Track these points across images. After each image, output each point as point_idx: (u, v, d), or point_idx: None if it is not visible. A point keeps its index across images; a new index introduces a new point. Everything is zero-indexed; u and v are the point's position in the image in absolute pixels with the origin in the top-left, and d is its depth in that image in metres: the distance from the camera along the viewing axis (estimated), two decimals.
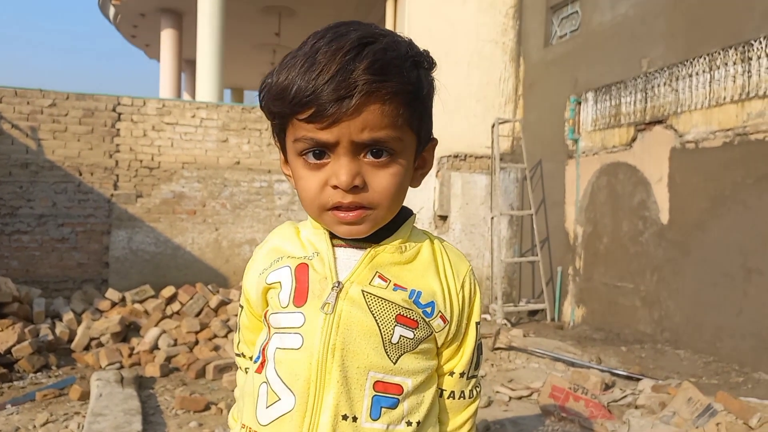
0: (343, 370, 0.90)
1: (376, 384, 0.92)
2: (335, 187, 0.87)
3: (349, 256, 0.96)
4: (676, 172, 5.64)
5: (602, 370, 4.59)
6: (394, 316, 0.92)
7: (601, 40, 6.71)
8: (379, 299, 0.92)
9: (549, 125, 7.50)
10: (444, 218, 7.95)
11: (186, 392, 4.19)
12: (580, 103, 6.99)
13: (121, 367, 4.78)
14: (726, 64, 5.12)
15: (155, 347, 5.12)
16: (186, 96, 16.21)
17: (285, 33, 13.21)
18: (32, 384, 4.35)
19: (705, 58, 5.33)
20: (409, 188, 0.96)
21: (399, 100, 0.86)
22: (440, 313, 0.96)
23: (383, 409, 0.92)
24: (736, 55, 5.02)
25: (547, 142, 7.52)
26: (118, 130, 7.62)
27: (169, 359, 4.86)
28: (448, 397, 1.03)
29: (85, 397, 4.01)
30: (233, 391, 4.38)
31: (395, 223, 0.97)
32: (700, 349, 5.28)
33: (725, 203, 5.12)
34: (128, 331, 5.49)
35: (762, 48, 4.79)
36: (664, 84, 5.78)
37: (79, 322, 5.55)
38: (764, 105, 4.77)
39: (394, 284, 0.94)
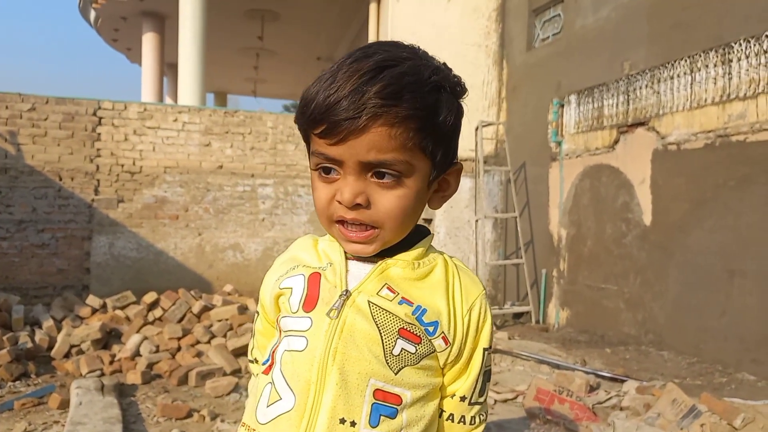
0: (343, 374, 0.92)
1: (377, 392, 0.93)
2: (340, 203, 0.91)
3: (361, 269, 0.99)
4: (659, 174, 5.67)
5: (587, 372, 4.60)
6: (397, 329, 0.94)
7: (583, 43, 6.75)
8: (384, 311, 0.95)
9: (532, 128, 7.52)
10: (428, 221, 7.94)
11: (168, 399, 4.13)
12: (563, 106, 7.02)
13: (102, 374, 4.71)
14: (707, 66, 5.16)
15: (137, 354, 5.05)
16: (168, 100, 16.10)
17: (268, 37, 13.15)
18: (10, 393, 4.27)
19: (686, 61, 5.37)
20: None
21: (409, 125, 0.87)
22: (443, 334, 0.97)
23: (382, 417, 0.93)
24: (717, 57, 5.06)
25: (531, 145, 7.55)
26: (99, 134, 7.53)
27: (150, 366, 4.80)
28: (447, 419, 1.03)
29: (64, 405, 3.94)
30: (216, 398, 4.34)
31: (410, 242, 1.00)
32: (683, 351, 5.31)
33: (707, 205, 5.16)
34: (109, 337, 5.41)
35: (742, 50, 4.83)
36: (646, 86, 5.82)
37: (59, 329, 5.47)
38: (745, 107, 4.81)
39: (402, 297, 0.96)
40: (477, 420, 1.04)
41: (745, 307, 4.81)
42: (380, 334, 0.93)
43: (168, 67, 14.65)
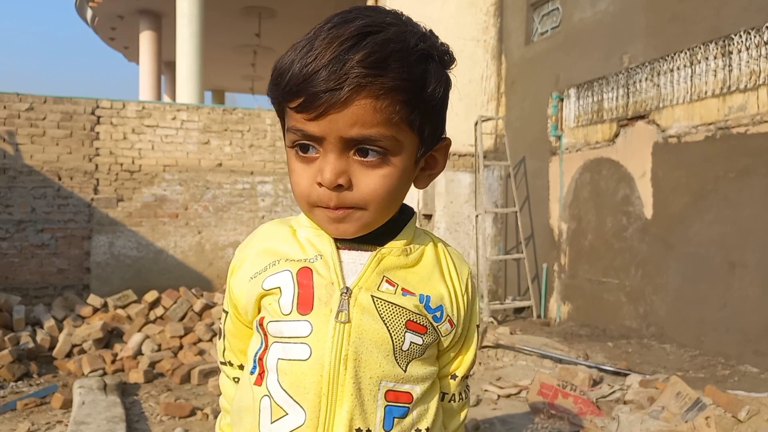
0: (357, 382, 0.86)
1: (388, 393, 0.88)
2: (321, 184, 0.83)
3: (355, 260, 0.90)
4: (659, 167, 5.66)
5: (590, 366, 4.60)
6: (404, 323, 0.88)
7: (582, 37, 6.73)
8: (390, 305, 0.88)
9: (532, 122, 7.51)
10: (428, 217, 7.94)
11: (171, 398, 4.13)
12: (562, 100, 7.00)
13: (104, 373, 4.70)
14: (707, 58, 5.15)
15: (139, 353, 5.05)
16: (166, 98, 16.07)
17: (265, 34, 13.13)
18: (13, 393, 4.26)
19: (686, 53, 5.36)
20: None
21: (396, 97, 0.80)
22: (448, 318, 0.93)
23: (395, 420, 0.89)
24: (717, 49, 5.05)
25: (530, 139, 7.53)
26: (98, 133, 7.51)
27: (153, 365, 4.79)
28: (450, 401, 1.00)
29: (67, 405, 3.94)
30: (219, 396, 4.32)
31: (397, 223, 0.93)
32: (685, 343, 5.31)
33: (708, 197, 5.15)
34: (111, 337, 5.41)
35: (742, 42, 4.82)
36: (646, 79, 5.80)
37: (60, 329, 5.46)
38: (745, 99, 4.80)
39: (402, 289, 0.90)
40: (465, 394, 1.03)
41: (747, 298, 4.81)
42: (389, 331, 0.87)
43: (166, 65, 14.63)
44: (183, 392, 4.34)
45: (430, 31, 0.89)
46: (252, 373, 0.93)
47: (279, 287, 0.89)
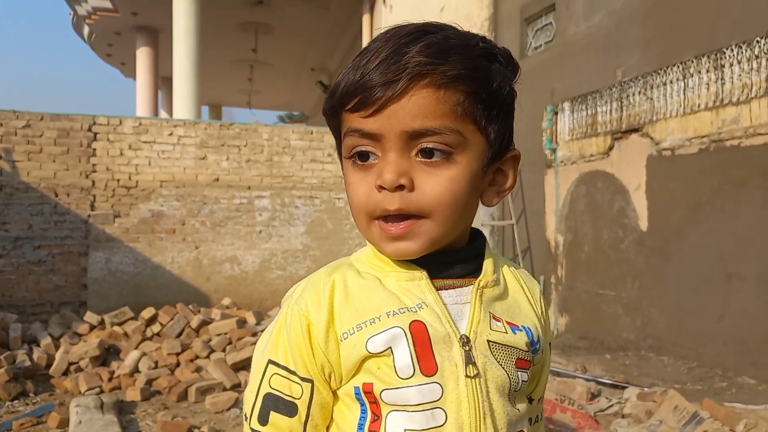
0: None
1: None
2: (381, 188, 0.75)
3: (455, 299, 0.80)
4: (654, 180, 5.68)
5: (588, 380, 4.59)
6: (514, 362, 0.81)
7: (575, 51, 6.78)
8: (501, 346, 0.80)
9: (527, 135, 7.54)
10: None
11: (168, 416, 4.11)
12: (557, 113, 7.04)
13: (101, 391, 4.69)
14: (699, 71, 5.19)
15: (136, 370, 5.03)
16: (163, 113, 16.11)
17: (262, 49, 13.19)
18: (9, 412, 4.24)
19: (679, 67, 5.40)
20: None
21: (459, 87, 0.74)
22: (541, 346, 0.86)
23: None
24: (709, 62, 5.09)
25: (526, 152, 7.56)
26: (95, 149, 7.53)
27: (150, 382, 4.78)
28: (534, 423, 0.94)
29: (64, 424, 3.92)
30: (216, 413, 4.32)
31: (473, 248, 0.85)
32: (683, 355, 5.31)
33: (703, 209, 5.17)
34: (108, 354, 5.39)
35: (734, 55, 4.86)
36: (639, 93, 5.84)
37: (57, 347, 5.44)
38: (738, 111, 4.84)
39: (507, 323, 0.82)
40: (541, 416, 0.96)
41: (744, 310, 4.81)
42: (507, 375, 0.79)
43: (163, 80, 14.68)
44: (180, 410, 4.32)
45: (490, 39, 0.82)
46: None
47: (390, 347, 0.76)
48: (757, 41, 4.67)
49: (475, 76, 0.75)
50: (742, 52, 4.79)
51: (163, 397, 4.62)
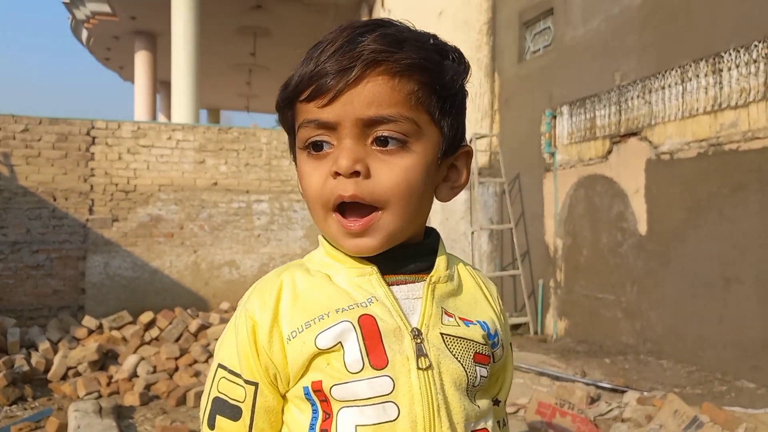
0: (453, 431, 0.76)
1: None
2: (336, 174, 0.74)
3: (407, 294, 0.80)
4: (653, 184, 5.69)
5: (587, 384, 4.59)
6: (472, 356, 0.80)
7: (574, 55, 6.79)
8: (457, 339, 0.79)
9: (526, 139, 7.55)
10: None
11: (167, 421, 4.10)
12: (555, 117, 7.05)
13: (100, 396, 4.67)
14: (698, 76, 5.20)
15: (134, 375, 5.02)
16: (162, 117, 16.11)
17: (260, 53, 13.21)
18: (7, 417, 4.23)
19: (677, 71, 5.41)
20: None
21: (414, 76, 0.74)
22: (501, 342, 0.86)
23: None
24: (708, 67, 5.10)
25: (525, 156, 7.57)
26: (93, 154, 7.52)
27: (148, 387, 4.76)
28: (503, 427, 0.95)
29: (62, 429, 3.90)
30: None
31: (426, 244, 0.85)
32: (682, 359, 5.31)
33: (702, 213, 5.18)
34: (106, 359, 5.38)
35: (732, 60, 4.87)
36: (638, 96, 5.85)
37: (55, 351, 5.43)
38: (736, 115, 4.85)
39: (460, 318, 0.82)
40: (506, 419, 0.97)
41: (743, 313, 4.82)
42: (464, 368, 0.78)
43: (161, 84, 14.69)
44: (179, 415, 4.31)
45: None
46: None
47: (339, 342, 0.75)
48: (755, 45, 4.68)
49: (430, 67, 0.75)
50: (740, 56, 4.80)
51: (161, 401, 4.60)
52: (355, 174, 0.74)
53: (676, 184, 5.44)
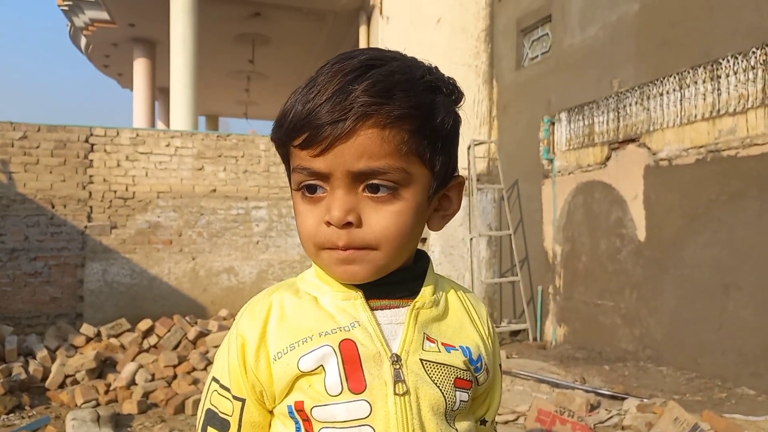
0: None
1: None
2: (329, 223, 0.77)
3: (390, 319, 0.83)
4: (651, 190, 5.69)
5: (587, 391, 4.58)
6: (452, 381, 0.82)
7: (572, 62, 6.81)
8: (437, 365, 0.82)
9: (524, 146, 7.55)
10: (423, 240, 7.94)
11: (165, 429, 4.08)
12: (553, 124, 7.06)
13: (98, 404, 4.65)
14: (696, 82, 5.21)
15: (132, 383, 5.00)
16: (160, 124, 16.10)
17: (259, 60, 13.22)
18: (4, 426, 4.21)
19: (675, 77, 5.42)
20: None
21: (403, 126, 0.76)
22: (486, 366, 0.88)
23: None
24: (706, 73, 5.11)
25: (523, 163, 7.58)
26: (91, 161, 7.52)
27: (146, 395, 4.74)
28: None
29: None
30: None
31: (415, 270, 0.87)
32: (682, 366, 5.30)
33: (701, 220, 5.18)
34: (104, 366, 5.36)
35: (730, 66, 4.88)
36: (636, 103, 5.86)
37: (53, 359, 5.40)
38: (735, 122, 4.85)
39: (443, 344, 0.84)
40: None
41: (742, 320, 4.81)
42: (442, 393, 0.81)
43: (160, 91, 14.69)
44: (177, 423, 4.29)
45: (436, 67, 0.85)
46: None
47: (321, 365, 0.79)
48: (753, 52, 4.70)
49: (419, 114, 0.77)
50: (738, 63, 4.82)
51: (160, 409, 4.58)
52: (348, 225, 0.76)
53: (675, 190, 5.44)
